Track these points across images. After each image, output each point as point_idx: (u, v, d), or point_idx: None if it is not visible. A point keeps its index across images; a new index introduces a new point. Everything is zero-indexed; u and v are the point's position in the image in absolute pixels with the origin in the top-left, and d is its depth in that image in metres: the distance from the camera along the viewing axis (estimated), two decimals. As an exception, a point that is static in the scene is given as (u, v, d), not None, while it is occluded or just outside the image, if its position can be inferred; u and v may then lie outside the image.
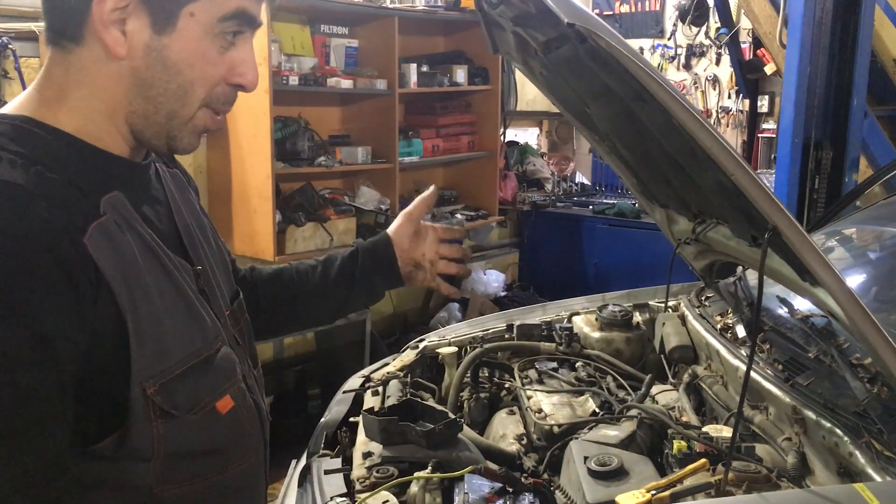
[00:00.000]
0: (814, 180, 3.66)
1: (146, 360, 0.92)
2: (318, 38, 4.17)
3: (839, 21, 3.64)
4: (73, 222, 0.87)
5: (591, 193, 6.25)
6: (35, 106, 0.95)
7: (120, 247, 0.92)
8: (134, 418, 0.91)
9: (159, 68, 0.94)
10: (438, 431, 1.46)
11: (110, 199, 0.94)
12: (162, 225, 1.04)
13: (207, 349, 1.01)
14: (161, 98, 0.95)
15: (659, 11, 6.12)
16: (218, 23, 0.94)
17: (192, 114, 0.97)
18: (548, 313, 2.38)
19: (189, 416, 0.96)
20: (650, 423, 1.55)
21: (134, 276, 0.92)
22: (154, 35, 0.92)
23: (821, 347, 1.57)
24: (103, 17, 0.91)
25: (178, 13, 0.92)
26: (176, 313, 0.98)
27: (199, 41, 0.94)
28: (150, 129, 0.97)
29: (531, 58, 1.84)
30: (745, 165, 1.18)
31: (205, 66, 0.95)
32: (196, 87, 0.96)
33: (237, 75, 0.98)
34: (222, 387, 1.02)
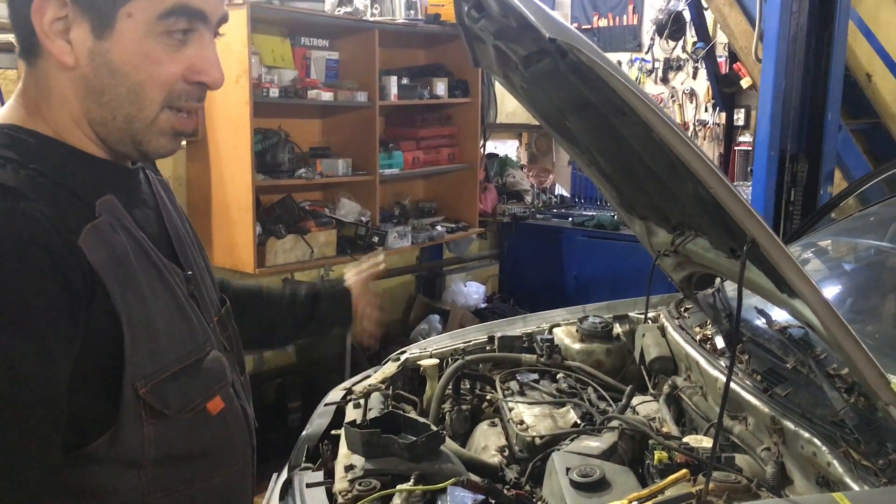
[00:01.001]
0: (790, 192, 3.71)
1: (139, 360, 0.92)
2: (298, 50, 4.17)
3: (813, 36, 3.70)
4: (66, 223, 0.87)
5: (571, 205, 6.28)
6: (19, 115, 0.96)
7: (114, 248, 0.92)
8: (125, 418, 0.91)
9: (106, 73, 0.92)
10: (421, 444, 1.46)
11: (105, 201, 0.94)
12: (152, 229, 1.04)
13: (198, 352, 1.02)
14: (114, 103, 0.94)
15: (636, 26, 6.18)
16: (157, 20, 0.92)
17: (152, 116, 0.96)
18: (529, 325, 2.38)
19: (181, 415, 0.97)
20: (631, 434, 1.56)
21: (128, 277, 0.93)
22: (95, 40, 0.91)
23: (798, 358, 1.59)
24: (44, 28, 0.90)
25: (116, 15, 0.91)
26: (168, 315, 0.98)
27: (140, 41, 0.92)
28: (113, 135, 0.97)
29: (512, 71, 1.86)
30: (723, 178, 1.20)
31: (151, 67, 0.93)
32: (147, 88, 0.94)
33: (197, 73, 0.96)
34: (213, 388, 1.03)
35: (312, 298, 1.59)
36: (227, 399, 1.06)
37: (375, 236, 4.25)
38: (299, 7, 3.78)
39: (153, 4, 0.91)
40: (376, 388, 1.95)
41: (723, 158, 5.82)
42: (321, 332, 1.67)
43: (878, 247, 2.34)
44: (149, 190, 1.10)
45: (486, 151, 5.78)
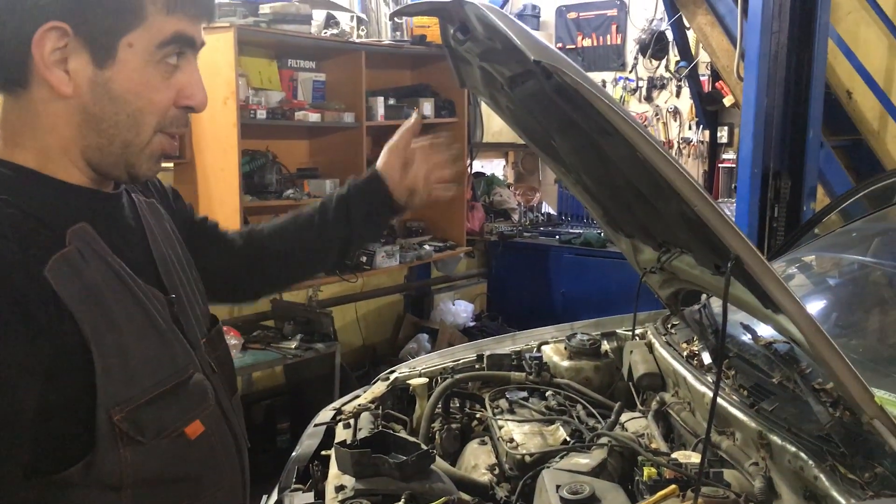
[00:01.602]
0: (773, 209, 3.75)
1: (113, 387, 0.92)
2: (285, 72, 4.19)
3: (794, 55, 3.76)
4: (32, 255, 0.88)
5: (558, 223, 6.31)
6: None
7: (84, 276, 0.92)
8: (100, 445, 0.91)
9: (107, 101, 0.94)
10: (411, 463, 1.46)
11: (76, 230, 0.94)
12: (134, 254, 1.04)
13: (178, 376, 1.01)
14: (113, 130, 0.96)
15: (620, 45, 6.26)
16: (157, 49, 0.95)
17: (147, 140, 0.98)
18: (517, 343, 2.39)
19: (155, 441, 0.96)
20: (620, 450, 1.57)
21: (99, 305, 0.93)
22: (96, 70, 0.93)
23: (784, 373, 1.61)
24: (45, 59, 0.91)
25: (117, 45, 0.93)
26: (145, 341, 0.98)
27: (141, 70, 0.95)
28: (107, 159, 0.98)
29: (497, 92, 1.88)
30: (707, 197, 1.22)
31: (151, 94, 0.96)
32: (146, 114, 0.97)
33: (185, 97, 0.99)
34: (192, 412, 1.02)
35: (344, 204, 1.48)
36: (211, 422, 1.05)
37: (364, 256, 4.26)
38: (286, 29, 3.80)
39: (153, 34, 0.94)
40: (366, 408, 1.95)
41: (707, 175, 5.88)
42: (371, 231, 1.55)
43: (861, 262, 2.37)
44: (133, 214, 1.10)
45: (473, 170, 5.81)
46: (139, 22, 0.93)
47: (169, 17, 0.95)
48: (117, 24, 0.92)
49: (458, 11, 1.61)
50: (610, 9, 6.26)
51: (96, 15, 0.91)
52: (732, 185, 5.41)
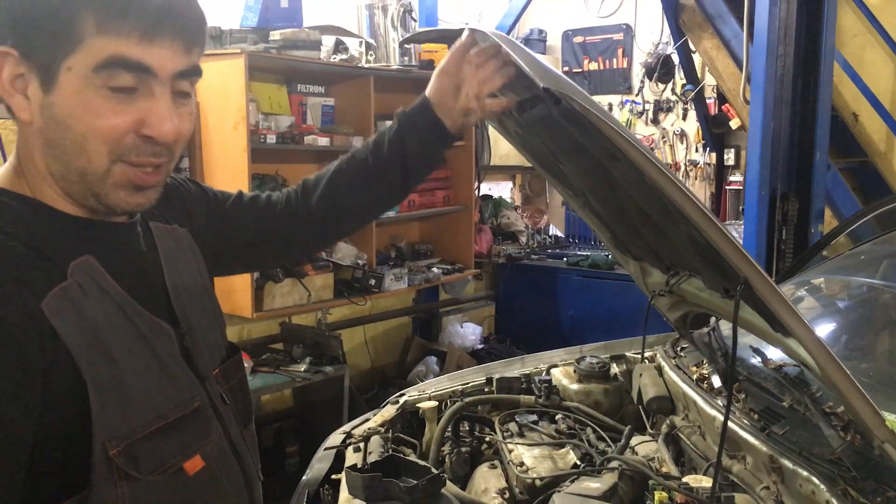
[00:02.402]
0: (781, 231, 3.76)
1: (109, 422, 0.91)
2: (294, 97, 4.23)
3: (800, 78, 3.79)
4: (30, 288, 0.88)
5: (565, 245, 6.32)
6: (8, 177, 0.98)
7: (82, 310, 0.92)
8: (97, 480, 0.90)
9: (54, 126, 0.93)
10: (422, 487, 1.46)
11: (79, 263, 0.94)
12: (145, 285, 1.03)
13: (180, 409, 1.00)
14: (64, 156, 0.94)
15: (626, 69, 6.30)
16: (94, 73, 0.91)
17: (102, 168, 0.94)
18: (526, 366, 2.40)
19: (151, 477, 0.95)
20: (631, 474, 1.57)
21: (97, 339, 0.92)
22: (43, 95, 0.92)
23: (794, 396, 1.61)
24: (3, 85, 0.92)
25: (58, 69, 0.91)
26: (146, 375, 0.97)
27: (80, 93, 0.91)
28: (72, 187, 0.97)
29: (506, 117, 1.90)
30: (715, 222, 1.23)
31: (91, 118, 0.92)
32: (90, 139, 0.93)
33: (145, 126, 0.94)
34: (192, 447, 1.01)
35: (397, 141, 1.43)
36: (214, 456, 1.04)
37: (372, 279, 4.28)
38: (296, 55, 3.84)
39: (89, 56, 0.90)
40: (376, 432, 1.95)
41: (714, 197, 5.89)
42: (428, 163, 1.49)
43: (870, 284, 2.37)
44: (147, 243, 1.09)
45: (481, 193, 5.83)
46: (77, 45, 0.90)
47: (104, 38, 0.90)
48: (56, 47, 0.90)
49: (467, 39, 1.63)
50: (616, 33, 6.31)
51: (38, 40, 0.91)
52: (740, 207, 5.41)
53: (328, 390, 4.04)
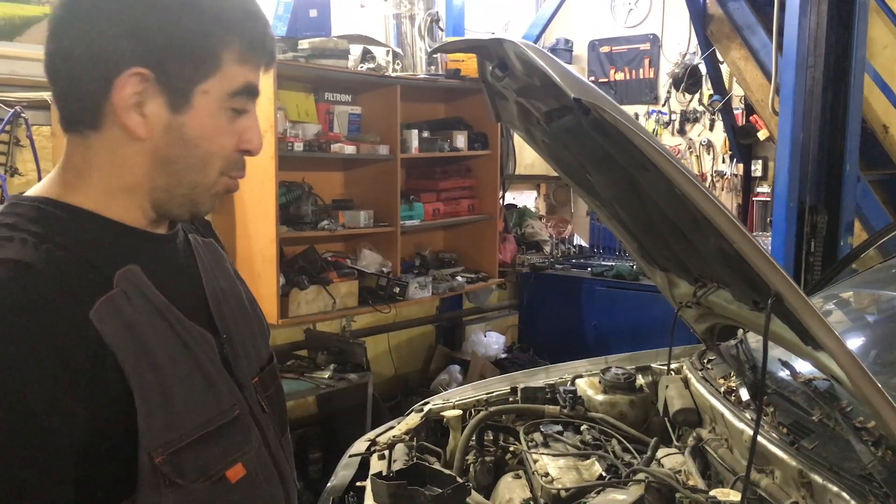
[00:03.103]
0: (810, 244, 3.71)
1: (155, 430, 0.92)
2: (322, 105, 4.26)
3: (830, 89, 3.75)
4: (78, 298, 0.89)
5: (590, 255, 6.29)
6: (56, 188, 0.99)
7: (128, 319, 0.93)
8: (142, 488, 0.91)
9: (179, 145, 0.98)
10: (447, 496, 1.47)
11: (124, 272, 0.95)
12: (185, 295, 1.05)
13: (222, 418, 1.01)
14: (183, 171, 0.99)
15: (653, 79, 6.27)
16: (228, 98, 0.99)
17: (212, 181, 1.02)
18: (551, 376, 2.39)
19: (195, 485, 0.96)
20: (658, 486, 1.56)
21: (143, 347, 0.93)
22: (171, 114, 0.96)
23: (824, 411, 1.59)
24: (124, 102, 0.94)
25: (193, 92, 0.96)
26: (189, 383, 0.98)
27: (213, 116, 0.98)
28: (174, 199, 1.01)
29: (533, 126, 1.90)
30: (747, 233, 1.22)
31: (220, 138, 1.00)
32: (214, 157, 1.00)
33: (245, 142, 1.02)
34: (233, 455, 1.02)
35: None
36: (254, 464, 1.05)
37: (396, 287, 4.29)
38: (324, 64, 3.87)
39: (226, 83, 0.98)
40: (400, 440, 1.96)
41: (741, 209, 5.84)
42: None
43: (900, 298, 2.34)
44: (187, 254, 1.11)
45: (505, 202, 5.83)
46: (215, 71, 0.97)
47: (241, 67, 0.99)
48: (196, 72, 0.96)
49: (497, 49, 1.64)
50: (643, 43, 6.29)
51: (176, 63, 0.95)
52: (767, 218, 5.37)
53: (352, 397, 4.05)
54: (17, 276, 0.87)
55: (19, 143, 3.25)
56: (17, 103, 3.22)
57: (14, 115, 3.19)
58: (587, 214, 6.55)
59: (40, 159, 3.25)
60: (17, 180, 3.25)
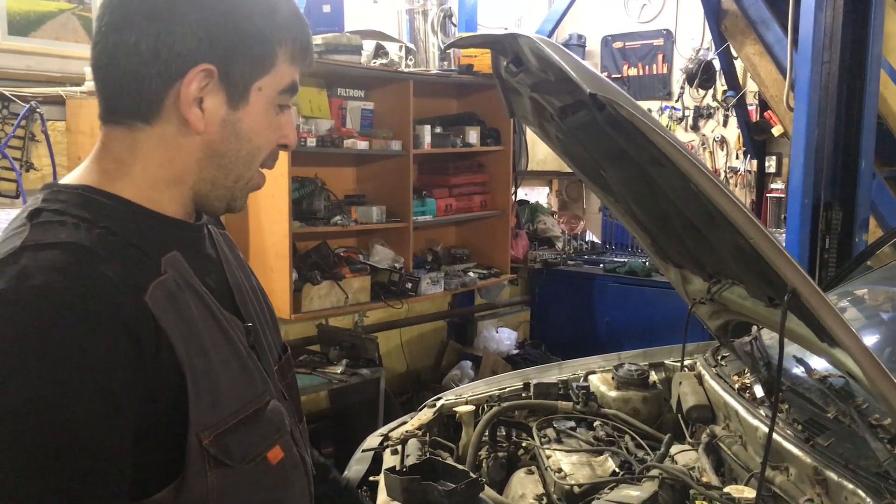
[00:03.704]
0: (824, 241, 3.69)
1: (202, 412, 0.95)
2: (334, 101, 4.26)
3: (845, 85, 3.72)
4: (135, 281, 0.91)
5: (602, 252, 6.28)
6: (94, 177, 1.01)
7: (178, 304, 0.95)
8: (190, 468, 0.94)
9: (233, 139, 1.02)
10: (460, 491, 1.47)
11: (170, 258, 0.98)
12: (214, 283, 1.07)
13: (258, 402, 1.04)
14: (231, 165, 1.03)
15: (666, 74, 6.24)
16: (278, 94, 1.03)
17: (252, 174, 1.06)
18: (564, 372, 2.39)
19: (242, 465, 0.99)
20: (671, 483, 1.56)
21: (191, 331, 0.96)
22: (229, 110, 1.00)
23: (840, 408, 1.58)
24: (189, 97, 0.98)
25: (250, 89, 1.01)
26: (229, 367, 1.01)
27: (265, 112, 1.03)
28: (216, 192, 1.05)
29: (547, 122, 1.90)
30: (763, 230, 1.21)
31: (268, 133, 1.04)
32: (262, 151, 1.05)
33: (283, 136, 1.07)
34: (272, 437, 1.05)
35: None
36: (287, 448, 1.08)
37: (408, 282, 4.29)
38: (337, 60, 3.88)
39: (277, 80, 1.02)
40: (413, 435, 1.96)
41: (755, 205, 5.81)
42: None
43: (916, 295, 2.33)
44: (211, 245, 1.14)
45: (517, 198, 5.83)
46: (269, 69, 1.01)
47: (290, 66, 1.03)
48: (254, 70, 1.00)
49: (512, 44, 1.64)
50: (656, 38, 6.26)
51: (239, 61, 0.99)
52: (781, 215, 5.34)
53: (364, 392, 4.06)
54: (78, 258, 0.88)
55: (34, 139, 3.28)
56: (33, 98, 3.24)
57: (29, 111, 3.21)
58: (599, 210, 6.54)
59: (55, 154, 3.27)
60: (32, 175, 3.28)
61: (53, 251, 0.88)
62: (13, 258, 0.88)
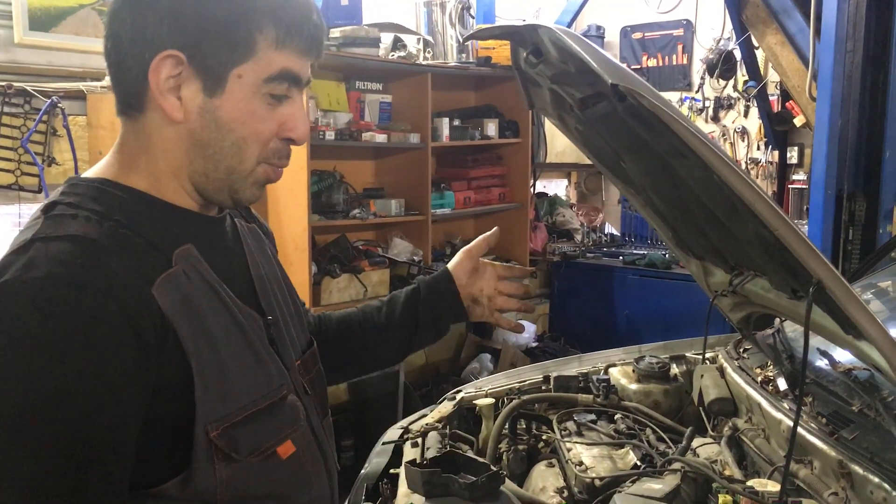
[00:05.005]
0: (847, 232, 3.65)
1: (210, 404, 0.95)
2: (353, 94, 4.27)
3: (869, 74, 3.67)
4: (142, 273, 0.92)
5: (621, 244, 6.25)
6: (112, 170, 1.02)
7: (187, 296, 0.96)
8: (197, 460, 0.94)
9: (213, 128, 0.99)
10: (481, 484, 1.46)
11: (182, 251, 0.98)
12: (234, 275, 1.07)
13: (272, 396, 1.04)
14: (218, 156, 1.00)
15: (686, 65, 6.19)
16: (264, 83, 0.99)
17: (250, 168, 1.02)
18: (584, 365, 2.38)
19: (249, 459, 0.99)
20: (694, 476, 1.54)
21: (200, 323, 0.96)
22: (206, 98, 0.98)
23: (865, 401, 1.56)
24: (160, 85, 0.97)
25: (227, 76, 0.97)
26: (242, 361, 1.01)
27: (248, 101, 0.99)
28: (212, 185, 1.03)
29: (566, 113, 1.88)
30: (788, 220, 1.20)
31: (255, 124, 1.00)
32: (249, 143, 1.00)
33: (287, 130, 1.03)
34: (284, 432, 1.05)
35: (413, 303, 1.49)
36: (302, 443, 1.08)
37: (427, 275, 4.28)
38: (355, 52, 3.88)
39: (261, 68, 0.98)
40: (433, 428, 1.96)
41: (776, 197, 5.75)
42: (435, 333, 1.52)
43: (942, 287, 2.29)
44: (234, 237, 1.14)
45: (536, 191, 5.80)
46: (250, 55, 0.97)
47: (278, 52, 0.99)
48: (229, 56, 0.97)
49: (532, 35, 1.62)
50: (676, 29, 6.21)
51: (211, 46, 0.96)
52: (804, 206, 5.28)
53: (383, 385, 4.07)
54: (85, 250, 0.89)
55: (56, 133, 3.30)
56: (54, 93, 3.27)
57: (51, 106, 3.23)
58: (619, 202, 6.50)
59: (77, 149, 3.29)
60: (54, 170, 3.30)
61: (61, 243, 0.89)
62: (23, 249, 0.89)
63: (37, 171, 3.21)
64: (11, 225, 3.35)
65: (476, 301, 1.53)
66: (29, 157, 3.21)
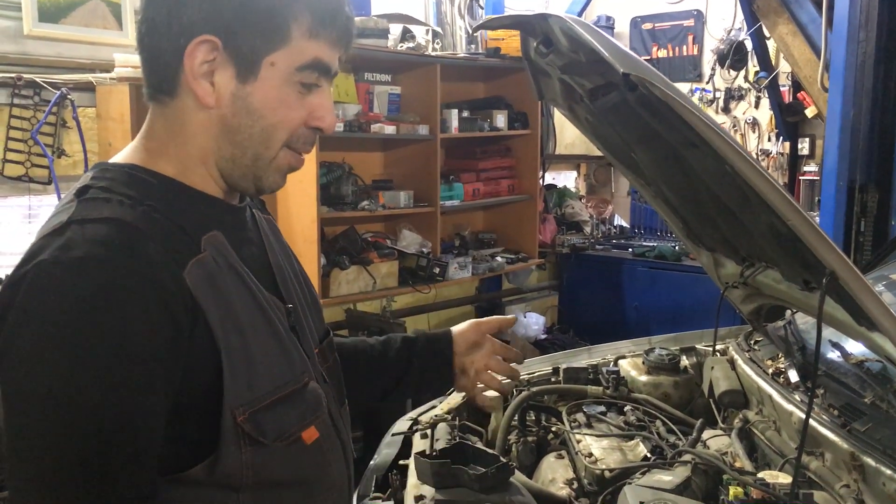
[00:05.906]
0: (859, 223, 3.64)
1: (237, 389, 0.96)
2: (361, 85, 4.26)
3: (881, 65, 3.65)
4: (174, 258, 0.92)
5: (630, 236, 6.23)
6: (140, 156, 1.03)
7: (216, 281, 0.96)
8: (224, 445, 0.95)
9: (244, 114, 1.00)
10: (491, 475, 1.46)
11: (210, 237, 0.99)
12: (256, 264, 1.08)
13: (295, 382, 1.05)
14: (246, 142, 1.02)
15: (697, 56, 6.15)
16: (296, 71, 1.00)
17: (274, 154, 1.03)
18: (593, 356, 2.37)
19: (276, 444, 1.00)
20: (704, 468, 1.54)
21: (228, 309, 0.97)
22: (239, 84, 0.99)
23: (877, 393, 1.55)
24: (194, 70, 0.98)
25: (261, 63, 0.99)
26: (267, 347, 1.02)
27: (279, 88, 1.00)
28: (238, 171, 1.04)
29: (577, 104, 1.87)
30: (801, 210, 1.19)
31: (285, 111, 1.01)
32: (278, 130, 1.02)
33: (316, 119, 1.04)
34: (308, 419, 1.05)
35: (406, 350, 1.48)
36: (323, 429, 1.08)
37: (436, 267, 4.29)
38: (364, 44, 3.87)
39: (294, 56, 0.99)
40: (442, 419, 1.96)
41: (787, 188, 5.72)
42: (419, 388, 1.52)
43: (956, 279, 2.27)
44: (254, 227, 1.15)
45: (545, 182, 5.79)
46: (283, 44, 0.98)
47: (310, 41, 1.00)
48: (264, 43, 0.98)
49: (542, 25, 1.61)
50: (686, 19, 6.17)
51: (246, 33, 0.97)
52: (815, 198, 5.25)
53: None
54: (121, 233, 0.90)
55: (66, 125, 3.31)
56: (64, 85, 3.27)
57: (60, 97, 3.24)
58: (628, 194, 6.48)
59: (86, 140, 3.29)
60: (63, 161, 3.31)
61: (98, 226, 0.90)
62: (59, 231, 0.90)
63: (47, 163, 3.21)
64: (21, 216, 3.36)
65: (464, 372, 1.52)
66: (39, 149, 3.21)
